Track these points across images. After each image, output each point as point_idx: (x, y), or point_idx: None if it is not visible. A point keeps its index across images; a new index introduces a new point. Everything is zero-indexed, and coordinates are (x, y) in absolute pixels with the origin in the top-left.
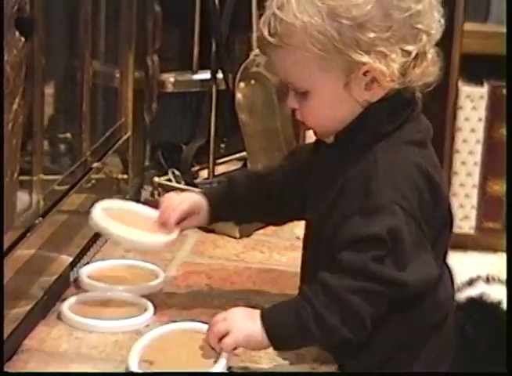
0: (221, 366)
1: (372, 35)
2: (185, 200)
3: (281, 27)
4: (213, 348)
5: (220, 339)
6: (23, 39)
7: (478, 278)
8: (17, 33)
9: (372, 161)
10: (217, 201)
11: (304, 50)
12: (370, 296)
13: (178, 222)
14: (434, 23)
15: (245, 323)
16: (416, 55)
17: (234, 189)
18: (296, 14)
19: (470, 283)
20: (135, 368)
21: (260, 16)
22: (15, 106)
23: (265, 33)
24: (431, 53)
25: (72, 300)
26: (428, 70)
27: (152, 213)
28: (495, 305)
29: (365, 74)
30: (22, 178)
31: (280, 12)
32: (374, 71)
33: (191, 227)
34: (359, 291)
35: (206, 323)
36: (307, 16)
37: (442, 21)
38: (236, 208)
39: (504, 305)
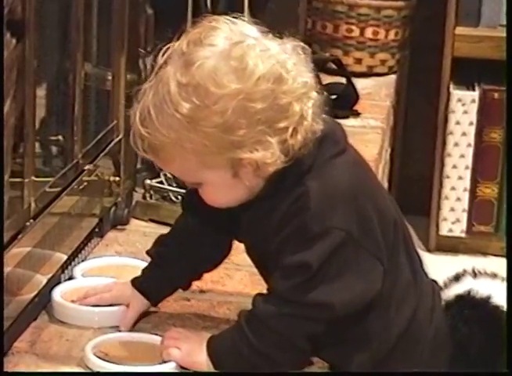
0: (169, 366)
1: (241, 132)
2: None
3: (151, 145)
4: None
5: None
6: (14, 41)
7: (465, 273)
8: (8, 34)
9: (304, 193)
10: (148, 281)
11: (181, 159)
12: (294, 321)
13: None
14: (301, 84)
15: (194, 349)
16: (294, 127)
17: (160, 263)
18: (161, 131)
19: (457, 278)
20: (90, 355)
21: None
22: (6, 109)
23: (139, 149)
24: (310, 107)
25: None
26: (312, 128)
27: None
28: (485, 301)
29: (249, 163)
30: (13, 180)
31: (145, 129)
32: (256, 162)
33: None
34: (281, 317)
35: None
36: (172, 131)
37: (309, 77)
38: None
39: (494, 300)
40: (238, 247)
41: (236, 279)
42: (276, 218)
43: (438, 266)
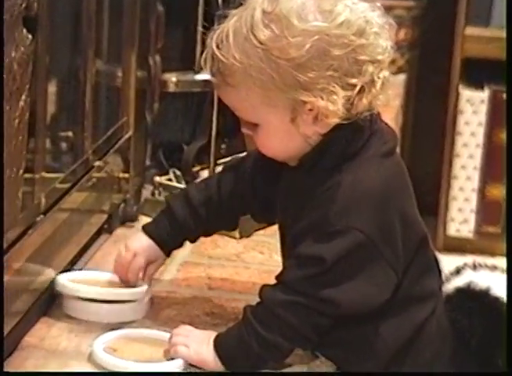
0: (177, 364)
1: (312, 74)
2: (139, 253)
3: (221, 67)
4: None
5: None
6: (30, 37)
7: (465, 266)
8: (25, 30)
9: (336, 184)
10: (166, 239)
11: (246, 88)
12: (300, 309)
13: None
14: (380, 49)
15: (202, 346)
16: (362, 86)
17: (179, 221)
18: (234, 55)
19: (458, 271)
20: (99, 351)
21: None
22: (21, 103)
23: (207, 71)
24: (381, 79)
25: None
26: (377, 99)
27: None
28: (484, 293)
29: (310, 109)
30: (24, 175)
31: (219, 51)
32: (317, 108)
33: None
34: (288, 305)
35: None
36: (245, 56)
37: (389, 45)
38: (188, 234)
39: (493, 292)
40: (247, 245)
41: (244, 277)
42: (306, 199)
43: (445, 266)
